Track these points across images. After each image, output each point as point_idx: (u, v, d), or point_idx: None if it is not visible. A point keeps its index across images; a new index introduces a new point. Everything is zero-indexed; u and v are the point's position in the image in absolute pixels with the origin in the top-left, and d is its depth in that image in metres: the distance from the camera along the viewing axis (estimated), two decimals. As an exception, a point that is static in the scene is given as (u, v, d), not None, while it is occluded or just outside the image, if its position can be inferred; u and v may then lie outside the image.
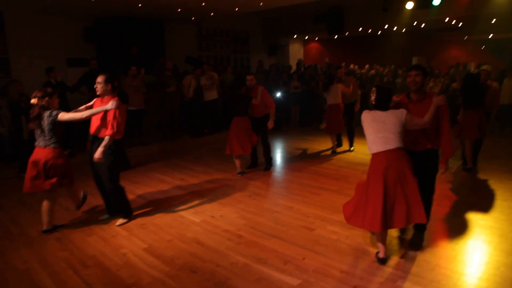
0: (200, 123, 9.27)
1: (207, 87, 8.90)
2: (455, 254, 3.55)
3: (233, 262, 3.48)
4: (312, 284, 3.11)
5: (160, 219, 4.53)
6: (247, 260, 3.51)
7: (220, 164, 6.96)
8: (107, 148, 4.06)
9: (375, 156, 3.35)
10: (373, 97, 3.43)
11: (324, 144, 8.40)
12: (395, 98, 3.66)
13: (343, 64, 12.55)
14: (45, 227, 4.19)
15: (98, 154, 4.03)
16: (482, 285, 3.05)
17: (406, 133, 3.48)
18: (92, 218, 4.61)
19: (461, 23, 13.12)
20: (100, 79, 4.17)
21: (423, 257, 3.49)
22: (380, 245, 3.42)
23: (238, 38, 14.15)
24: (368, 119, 3.40)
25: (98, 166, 4.23)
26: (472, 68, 14.24)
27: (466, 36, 15.11)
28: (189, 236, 4.06)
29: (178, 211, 4.78)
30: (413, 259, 3.46)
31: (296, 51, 15.68)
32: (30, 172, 4.02)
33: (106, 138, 4.04)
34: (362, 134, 3.59)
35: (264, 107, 6.27)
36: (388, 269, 3.30)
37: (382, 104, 3.40)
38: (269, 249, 3.70)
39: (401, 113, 3.33)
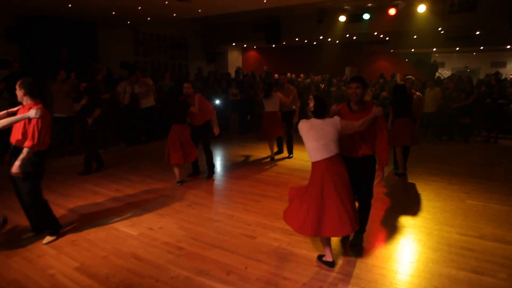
0: (136, 131, 8.91)
1: (142, 95, 8.60)
2: (390, 253, 3.75)
3: (173, 276, 3.34)
4: (255, 293, 3.08)
5: (94, 234, 4.24)
6: (188, 273, 3.39)
7: (158, 173, 6.72)
8: (25, 161, 3.71)
9: (317, 163, 3.40)
10: (311, 104, 3.50)
11: (263, 151, 8.48)
12: (334, 107, 3.80)
13: (287, 73, 12.90)
14: None
15: (15, 168, 3.68)
16: (414, 281, 3.24)
17: (346, 139, 3.63)
18: (14, 238, 4.16)
19: (387, 38, 14.13)
20: (17, 84, 3.85)
21: (361, 259, 3.63)
22: (325, 249, 3.50)
23: (176, 44, 13.90)
24: (306, 128, 3.45)
25: (17, 180, 3.85)
26: (398, 79, 15.38)
27: (393, 50, 16.30)
28: (125, 251, 3.83)
29: (114, 224, 4.50)
30: (353, 262, 3.58)
31: (234, 59, 15.78)
32: None
33: (24, 151, 3.70)
34: (300, 141, 3.65)
35: (204, 114, 6.17)
36: (330, 273, 3.38)
37: (320, 113, 3.49)
38: (211, 260, 3.62)
39: (336, 121, 3.45)
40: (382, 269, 3.44)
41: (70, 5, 8.12)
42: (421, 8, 9.91)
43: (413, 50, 16.15)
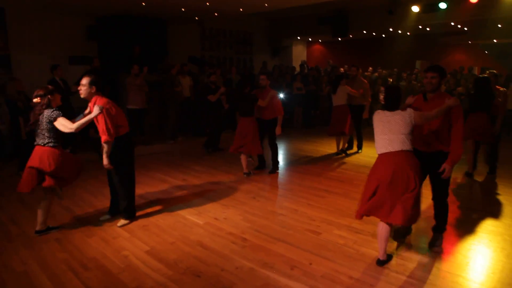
0: (202, 123, 9.17)
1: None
2: (466, 260, 3.45)
3: (238, 267, 3.37)
4: (320, 290, 3.00)
5: (163, 220, 4.42)
6: (253, 264, 3.40)
7: (222, 165, 6.86)
8: (109, 153, 4.01)
9: (379, 156, 3.33)
10: (382, 97, 3.39)
11: (327, 146, 8.29)
12: (410, 98, 3.62)
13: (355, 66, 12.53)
14: (37, 228, 4.06)
15: (105, 162, 4.03)
16: (497, 294, 2.95)
17: (419, 134, 3.44)
18: (92, 219, 4.49)
19: (465, 28, 13.03)
20: (84, 81, 4.01)
21: (435, 264, 3.38)
22: (380, 245, 3.36)
23: (242, 38, 14.07)
24: (377, 120, 3.37)
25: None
26: (476, 72, 14.17)
27: (471, 41, 15.04)
28: (192, 238, 3.95)
29: (181, 212, 4.67)
30: (426, 266, 3.35)
31: (299, 53, 15.60)
32: (26, 171, 3.89)
33: (104, 145, 3.98)
34: (370, 137, 3.50)
35: (273, 111, 6.16)
36: (401, 276, 3.19)
37: (391, 104, 3.32)
38: (275, 253, 3.59)
39: (409, 114, 3.24)
40: (458, 277, 3.18)
41: (143, 4, 8.54)
42: (508, -6, 8.98)
43: (495, 40, 14.76)
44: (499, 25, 11.93)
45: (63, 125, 3.90)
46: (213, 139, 7.97)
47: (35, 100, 3.94)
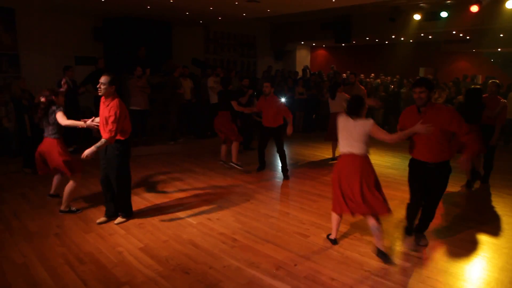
0: (202, 125, 9.35)
1: (214, 90, 8.97)
2: (448, 267, 3.57)
3: (225, 265, 3.53)
4: (302, 290, 3.15)
5: (158, 219, 4.60)
6: (240, 263, 3.56)
7: (221, 167, 7.01)
8: (100, 149, 4.07)
9: (341, 156, 3.76)
10: (344, 105, 3.75)
11: (325, 151, 8.43)
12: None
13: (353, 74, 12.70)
14: (61, 207, 4.72)
15: (88, 152, 3.99)
16: (471, 299, 3.08)
17: (419, 143, 3.67)
18: (91, 216, 4.67)
19: (468, 36, 13.11)
20: (104, 79, 4.15)
21: (416, 269, 3.51)
22: (333, 226, 3.95)
23: (246, 42, 14.26)
24: (341, 123, 3.77)
25: (108, 165, 4.32)
26: (480, 80, 14.21)
27: (475, 49, 15.09)
28: (185, 237, 4.11)
29: (176, 212, 4.84)
30: (407, 271, 3.48)
31: (303, 57, 15.76)
32: (38, 158, 4.63)
33: (102, 141, 4.05)
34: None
35: (279, 118, 6.33)
36: (380, 279, 3.33)
37: (352, 112, 3.66)
38: (262, 254, 3.75)
39: (368, 124, 3.58)
40: (437, 282, 3.30)
41: (148, 7, 8.75)
42: (510, 4, 9.07)
43: (499, 49, 14.80)
44: (501, 35, 12.01)
45: (60, 118, 4.47)
46: (246, 139, 8.44)
47: (41, 99, 4.36)
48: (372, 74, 13.71)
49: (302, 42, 15.03)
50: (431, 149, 3.64)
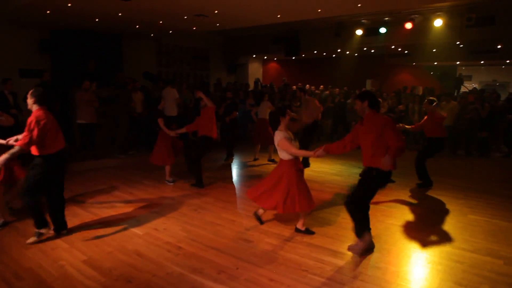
0: (154, 138, 9.33)
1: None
2: (378, 262, 3.87)
3: (169, 272, 3.62)
4: (241, 291, 3.31)
5: (104, 232, 4.59)
6: (183, 270, 3.66)
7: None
8: (14, 156, 3.95)
9: None
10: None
11: (276, 159, 8.71)
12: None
13: (306, 85, 13.27)
14: None
15: (0, 158, 3.91)
16: (395, 290, 3.38)
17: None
18: (33, 231, 4.56)
19: (406, 51, 14.10)
20: (28, 94, 4.17)
21: (350, 267, 3.78)
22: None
23: (198, 55, 14.42)
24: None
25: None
26: (420, 91, 15.26)
27: (415, 63, 16.21)
28: (129, 248, 4.15)
29: (123, 224, 4.85)
30: (341, 269, 3.74)
31: (255, 70, 16.15)
32: None
33: (15, 148, 3.94)
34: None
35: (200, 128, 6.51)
36: (317, 277, 3.56)
37: (273, 125, 4.45)
38: (205, 260, 3.87)
39: (278, 136, 4.32)
40: (368, 277, 3.59)
41: (97, 19, 8.71)
42: (438, 22, 9.94)
43: (436, 63, 16.01)
44: (434, 50, 13.05)
45: None
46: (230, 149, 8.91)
47: None
48: (321, 86, 14.32)
49: (254, 56, 15.42)
50: (364, 153, 3.98)
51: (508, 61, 16.17)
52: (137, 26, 9.74)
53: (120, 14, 8.20)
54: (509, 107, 10.06)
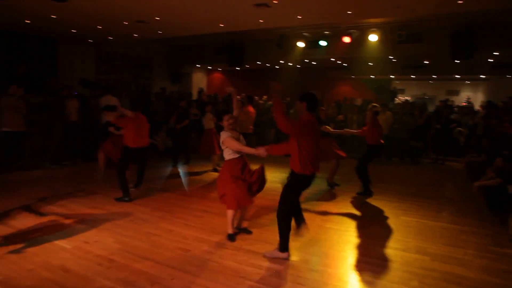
0: (90, 147, 8.86)
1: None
2: (315, 265, 3.91)
3: (98, 287, 3.37)
4: (175, 302, 3.16)
5: (26, 248, 4.18)
6: (114, 283, 3.43)
7: (107, 190, 6.67)
8: None
9: None
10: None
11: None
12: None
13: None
14: None
15: None
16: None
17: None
18: None
19: (345, 64, 14.77)
20: None
21: (288, 270, 3.77)
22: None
23: (141, 63, 14.02)
24: None
25: None
26: (358, 103, 16.01)
27: (353, 76, 17.02)
28: (55, 263, 3.82)
29: (50, 238, 4.46)
30: (278, 273, 3.72)
31: (199, 80, 16.03)
32: None
33: None
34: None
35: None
36: (253, 283, 3.50)
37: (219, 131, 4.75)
38: (139, 272, 3.67)
39: (223, 136, 4.40)
40: (306, 280, 3.59)
41: (28, 21, 8.16)
42: (373, 37, 10.53)
43: (372, 76, 16.93)
44: (370, 63, 13.80)
45: None
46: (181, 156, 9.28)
47: None
48: (265, 96, 14.52)
49: (199, 65, 15.31)
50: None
51: (435, 76, 17.53)
52: (74, 30, 9.26)
53: (53, 16, 7.74)
54: (437, 118, 10.88)
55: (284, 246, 3.99)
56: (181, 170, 8.78)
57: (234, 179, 4.36)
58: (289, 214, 4.01)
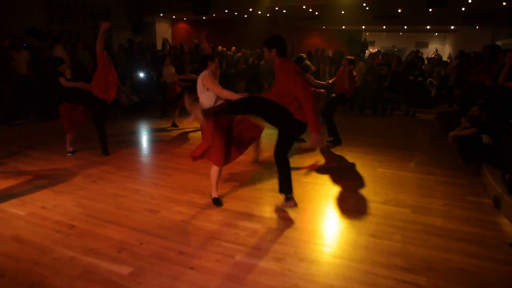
0: (46, 104, 8.14)
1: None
2: (286, 220, 3.71)
3: (56, 258, 3.01)
4: (145, 270, 2.86)
5: (-28, 217, 3.73)
6: (75, 252, 3.08)
7: (65, 149, 6.10)
8: None
9: None
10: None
11: (189, 125, 8.17)
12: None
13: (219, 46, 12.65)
14: None
15: None
16: (312, 247, 3.23)
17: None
18: None
19: (317, 13, 14.17)
20: None
21: (264, 231, 3.54)
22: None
23: (97, 12, 12.83)
24: None
25: None
26: (330, 54, 15.64)
27: (324, 26, 16.47)
28: (6, 234, 3.40)
29: (1, 206, 4.00)
30: (254, 232, 3.49)
31: (163, 30, 15.03)
32: None
33: None
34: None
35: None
36: (229, 245, 3.25)
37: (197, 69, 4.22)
38: (103, 238, 3.33)
39: (202, 74, 3.82)
40: (286, 239, 3.39)
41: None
42: (346, -18, 9.99)
43: (343, 27, 16.45)
44: (342, 12, 13.28)
45: None
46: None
47: None
48: (233, 48, 13.84)
49: (161, 14, 14.25)
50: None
51: (405, 27, 17.29)
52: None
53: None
54: (408, 70, 10.72)
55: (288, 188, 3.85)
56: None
57: (218, 130, 3.83)
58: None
